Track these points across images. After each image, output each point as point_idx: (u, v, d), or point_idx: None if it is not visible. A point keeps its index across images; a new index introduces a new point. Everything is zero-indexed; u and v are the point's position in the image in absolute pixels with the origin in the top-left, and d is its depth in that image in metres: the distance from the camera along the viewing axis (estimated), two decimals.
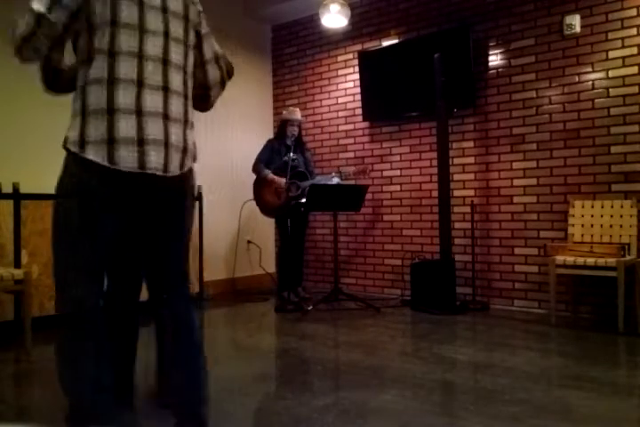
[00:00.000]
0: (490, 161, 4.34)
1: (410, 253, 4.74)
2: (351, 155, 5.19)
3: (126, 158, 1.53)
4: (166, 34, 1.66)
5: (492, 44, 4.33)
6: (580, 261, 3.43)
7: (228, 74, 1.94)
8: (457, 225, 4.42)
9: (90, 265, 1.61)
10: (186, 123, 1.70)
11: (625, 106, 3.72)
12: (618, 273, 3.28)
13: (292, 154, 4.42)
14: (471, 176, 4.43)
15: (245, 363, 2.90)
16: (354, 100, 5.16)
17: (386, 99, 4.83)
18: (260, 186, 4.55)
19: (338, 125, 5.30)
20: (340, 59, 5.28)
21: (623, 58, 3.74)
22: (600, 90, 3.83)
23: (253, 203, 4.68)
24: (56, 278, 1.65)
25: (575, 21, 3.91)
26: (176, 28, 1.69)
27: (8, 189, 3.46)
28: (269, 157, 4.57)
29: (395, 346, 3.21)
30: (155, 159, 1.58)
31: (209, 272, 4.72)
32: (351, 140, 5.20)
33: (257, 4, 5.35)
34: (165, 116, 1.62)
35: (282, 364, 2.97)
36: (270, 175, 4.47)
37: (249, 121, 5.47)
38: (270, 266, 5.58)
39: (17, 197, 3.46)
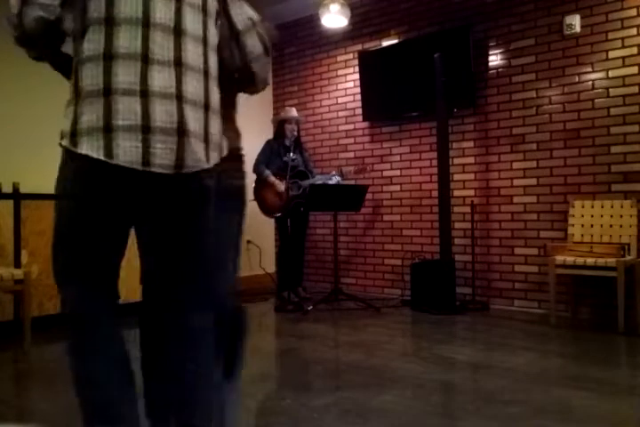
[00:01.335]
0: (490, 161, 4.33)
1: (410, 253, 4.74)
2: (351, 155, 5.19)
3: (126, 150, 1.24)
4: None
5: (492, 44, 4.33)
6: (580, 261, 3.42)
7: (269, 41, 1.59)
8: (457, 225, 4.42)
9: (84, 267, 1.42)
10: (207, 106, 1.37)
11: (625, 106, 3.72)
12: (618, 273, 3.28)
13: (291, 154, 4.42)
14: (471, 176, 4.43)
15: (245, 363, 2.90)
16: (354, 100, 5.16)
17: (386, 99, 4.83)
18: (262, 187, 4.55)
19: (338, 125, 5.29)
20: (339, 59, 5.28)
21: (623, 58, 3.73)
22: (600, 90, 3.83)
23: (253, 203, 4.68)
24: (55, 278, 1.47)
25: (575, 21, 3.91)
26: None
27: (8, 189, 3.46)
28: (269, 158, 4.57)
29: (395, 346, 3.21)
30: (161, 152, 1.27)
31: None
32: (351, 140, 5.20)
33: (257, 4, 5.34)
34: (179, 98, 1.30)
35: (282, 364, 2.97)
36: (271, 177, 4.47)
37: (249, 121, 5.44)
38: (270, 266, 5.58)
39: (17, 197, 3.46)
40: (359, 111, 5.07)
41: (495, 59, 4.31)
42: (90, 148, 1.24)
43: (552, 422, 2.00)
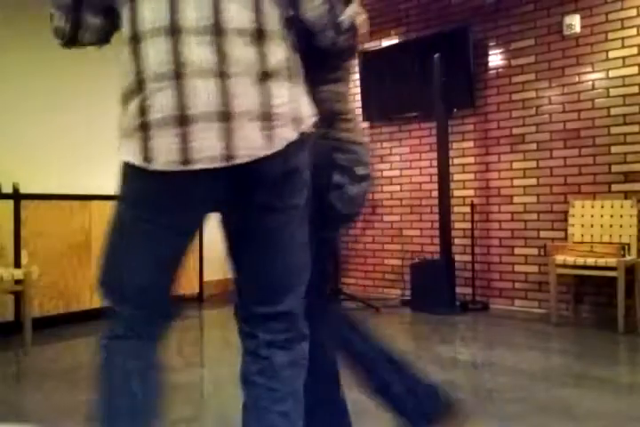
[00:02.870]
0: (490, 161, 4.34)
1: (410, 253, 4.74)
2: None
3: (162, 149, 1.02)
4: None
5: (491, 44, 4.33)
6: (581, 261, 3.43)
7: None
8: (457, 225, 4.42)
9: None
10: (266, 74, 1.06)
11: (625, 106, 3.72)
12: (618, 273, 3.28)
13: None
14: (471, 176, 4.43)
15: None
16: (354, 100, 5.15)
17: (386, 99, 4.83)
18: None
19: None
20: None
21: (623, 58, 3.74)
22: (600, 90, 3.83)
23: None
24: None
25: (575, 21, 3.91)
26: None
27: (8, 189, 3.46)
28: None
29: (395, 346, 3.20)
30: (205, 144, 1.01)
31: (209, 272, 4.72)
32: None
33: None
34: (221, 74, 1.02)
35: None
36: None
37: None
38: None
39: (17, 197, 3.45)
40: (359, 111, 5.07)
41: (495, 59, 4.32)
42: (127, 152, 1.05)
43: (553, 420, 2.00)
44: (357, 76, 5.06)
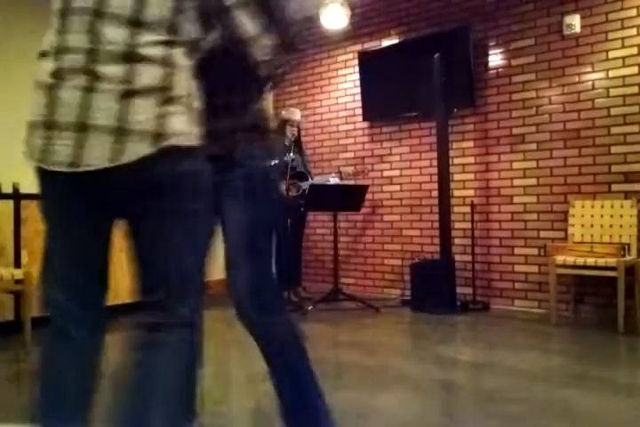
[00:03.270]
0: (490, 161, 4.33)
1: (410, 253, 4.74)
2: (351, 155, 5.19)
3: (34, 148, 1.22)
4: None
5: (491, 44, 4.33)
6: (581, 261, 3.42)
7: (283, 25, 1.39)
8: (457, 225, 4.42)
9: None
10: (132, 93, 1.12)
11: (625, 106, 3.72)
12: (618, 273, 3.28)
13: (291, 154, 4.42)
14: (471, 176, 4.43)
15: (245, 363, 2.90)
16: (354, 101, 5.15)
17: (386, 99, 4.83)
18: None
19: (338, 125, 5.29)
20: (339, 59, 5.28)
21: (623, 58, 3.73)
22: (600, 90, 3.83)
23: None
24: None
25: (575, 21, 3.91)
26: None
27: (8, 189, 3.46)
28: None
29: (394, 346, 3.21)
30: (60, 149, 1.14)
31: (208, 272, 4.72)
32: (351, 141, 5.20)
33: None
34: (87, 88, 1.12)
35: None
36: None
37: None
38: None
39: (17, 197, 3.45)
40: (359, 111, 5.07)
41: (495, 59, 4.31)
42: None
43: (553, 420, 2.00)
44: (357, 76, 5.06)
